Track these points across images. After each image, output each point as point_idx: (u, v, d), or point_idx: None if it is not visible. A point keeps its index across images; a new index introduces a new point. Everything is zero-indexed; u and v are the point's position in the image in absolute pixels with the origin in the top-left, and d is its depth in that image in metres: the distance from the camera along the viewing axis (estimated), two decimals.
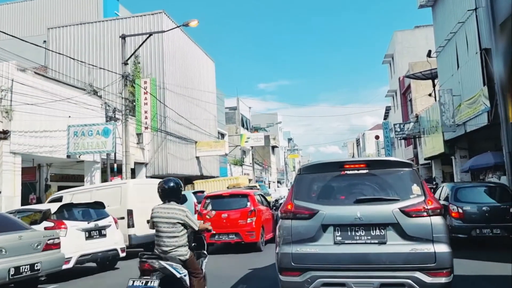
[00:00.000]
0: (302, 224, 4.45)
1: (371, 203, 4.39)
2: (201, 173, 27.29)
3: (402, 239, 4.21)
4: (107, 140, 15.03)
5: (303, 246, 4.37)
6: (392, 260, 4.15)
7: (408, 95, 30.83)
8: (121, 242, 8.50)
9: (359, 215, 4.29)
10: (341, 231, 4.35)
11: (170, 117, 22.87)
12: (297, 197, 4.65)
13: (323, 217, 4.38)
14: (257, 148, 51.43)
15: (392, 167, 4.71)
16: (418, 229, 4.21)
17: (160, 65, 23.07)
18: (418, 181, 4.52)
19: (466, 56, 16.19)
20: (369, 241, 4.27)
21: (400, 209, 4.27)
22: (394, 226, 4.24)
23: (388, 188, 4.53)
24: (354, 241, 4.30)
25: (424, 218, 4.24)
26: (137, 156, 21.24)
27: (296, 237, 4.42)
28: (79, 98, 15.68)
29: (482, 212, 9.11)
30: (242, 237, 10.08)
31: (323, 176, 4.79)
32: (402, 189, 4.49)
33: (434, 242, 4.16)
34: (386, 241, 4.23)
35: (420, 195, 4.39)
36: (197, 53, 28.84)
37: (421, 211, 4.26)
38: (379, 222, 4.28)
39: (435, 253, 4.11)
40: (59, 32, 24.24)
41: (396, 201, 4.36)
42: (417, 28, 34.81)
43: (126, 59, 17.30)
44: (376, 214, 4.31)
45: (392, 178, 4.59)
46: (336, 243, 4.33)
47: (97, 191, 10.00)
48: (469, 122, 15.86)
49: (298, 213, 4.50)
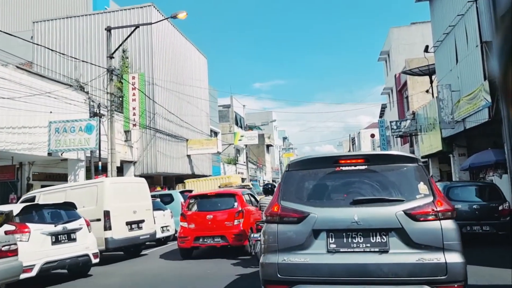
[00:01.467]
0: (290, 229, 3.82)
1: (371, 205, 3.76)
2: (193, 172, 26.56)
3: (408, 247, 3.60)
4: (90, 137, 14.28)
5: (291, 255, 3.75)
6: (395, 271, 3.53)
7: (405, 92, 30.28)
8: (94, 246, 7.74)
9: (356, 218, 3.68)
10: (335, 237, 3.74)
11: (159, 114, 22.11)
12: (284, 197, 4.00)
13: (314, 221, 3.75)
14: (251, 147, 50.76)
15: (395, 162, 4.02)
16: (426, 235, 3.59)
17: (149, 60, 22.30)
18: (425, 179, 3.87)
19: (465, 50, 15.61)
20: (368, 250, 3.65)
21: (404, 212, 3.65)
22: (398, 231, 3.63)
23: (391, 187, 3.87)
24: (351, 249, 3.69)
25: (433, 222, 3.61)
26: (124, 154, 20.49)
27: (283, 244, 3.79)
28: (60, 92, 14.90)
29: (472, 210, 9.52)
30: (229, 240, 9.36)
31: (315, 173, 4.12)
32: (407, 188, 3.83)
33: (445, 250, 3.53)
34: (388, 250, 3.62)
35: (428, 195, 3.75)
36: (188, 48, 28.10)
37: (429, 213, 3.63)
38: (380, 227, 3.67)
39: (446, 264, 3.48)
40: (45, 26, 23.41)
41: (400, 202, 3.73)
42: (413, 25, 34.29)
43: (112, 52, 16.53)
44: (377, 218, 3.68)
45: (395, 175, 3.93)
46: (330, 251, 3.71)
47: (72, 191, 9.25)
48: (469, 119, 15.28)
49: (286, 216, 3.86)
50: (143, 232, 9.74)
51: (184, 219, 9.44)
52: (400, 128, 23.53)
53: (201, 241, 9.22)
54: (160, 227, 11.66)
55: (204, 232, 9.17)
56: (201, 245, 9.35)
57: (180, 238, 9.31)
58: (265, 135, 60.51)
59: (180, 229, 9.49)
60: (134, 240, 9.35)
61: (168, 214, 12.37)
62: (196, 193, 10.93)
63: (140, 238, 9.57)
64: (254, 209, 11.12)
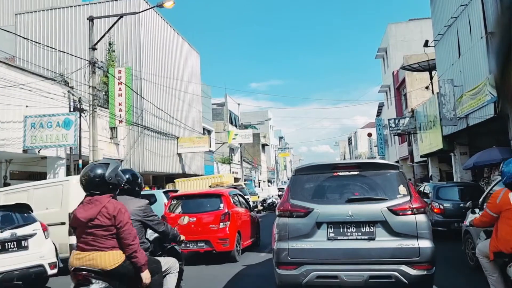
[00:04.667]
0: (298, 221, 4.65)
1: (362, 203, 4.64)
2: (184, 171, 25.58)
3: (390, 235, 4.47)
4: (68, 133, 13.30)
5: (299, 242, 4.59)
6: (380, 254, 4.41)
7: (403, 90, 29.44)
8: (51, 255, 6.65)
9: (350, 213, 4.53)
10: (334, 228, 4.59)
11: (148, 110, 21.11)
12: (293, 196, 4.82)
13: (317, 215, 4.60)
14: (247, 147, 49.82)
15: (381, 169, 4.96)
16: (404, 226, 4.46)
17: (137, 54, 21.27)
18: (404, 182, 4.78)
19: (468, 43, 14.76)
20: (359, 237, 4.52)
21: (388, 208, 4.51)
22: (383, 223, 4.50)
23: (377, 188, 4.78)
24: (346, 237, 4.55)
25: (410, 216, 4.49)
26: (110, 152, 19.50)
27: (293, 233, 4.62)
28: (36, 84, 13.89)
29: (459, 208, 10.13)
30: (213, 245, 8.56)
31: (317, 177, 5.01)
32: (390, 190, 4.72)
33: (418, 238, 4.42)
34: (375, 237, 4.50)
35: (406, 195, 4.64)
36: (180, 43, 27.10)
37: (407, 209, 4.50)
38: (368, 220, 4.54)
39: (419, 248, 4.37)
40: (28, 18, 22.34)
41: (384, 200, 4.60)
42: (411, 21, 33.52)
43: (94, 43, 15.55)
44: (366, 213, 4.55)
45: (380, 179, 4.84)
46: (329, 239, 4.57)
47: (35, 191, 8.22)
48: (472, 115, 14.45)
49: (294, 212, 4.69)
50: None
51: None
52: (398, 126, 22.67)
53: (183, 246, 8.26)
54: None
55: (187, 237, 8.25)
56: (184, 250, 8.41)
57: None
58: (260, 135, 59.61)
59: None
60: None
61: None
62: (179, 194, 10.14)
63: None
64: (243, 210, 10.28)
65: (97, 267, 3.21)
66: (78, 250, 3.34)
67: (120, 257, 3.29)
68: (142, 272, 3.34)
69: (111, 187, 3.42)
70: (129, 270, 3.33)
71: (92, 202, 3.36)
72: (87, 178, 3.39)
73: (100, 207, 3.30)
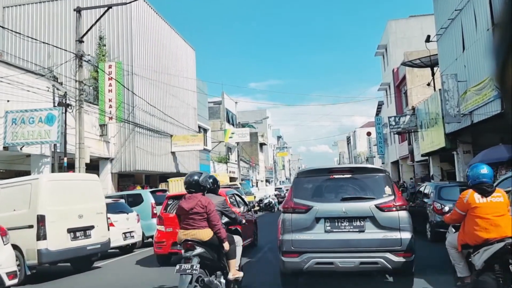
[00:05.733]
0: (300, 217, 5.36)
1: (353, 201, 5.38)
2: (178, 170, 24.83)
3: (377, 228, 5.20)
4: (51, 129, 12.58)
5: (301, 234, 5.30)
6: (368, 244, 5.15)
7: (403, 88, 28.77)
8: (9, 263, 5.85)
9: (344, 210, 5.27)
10: (330, 222, 5.31)
11: (139, 106, 20.37)
12: (296, 196, 5.55)
13: (316, 211, 5.31)
14: (244, 146, 49.07)
15: (370, 172, 5.85)
16: (389, 220, 5.21)
17: (129, 49, 20.52)
18: (389, 184, 5.55)
19: (473, 36, 14.07)
20: (351, 230, 5.25)
21: (375, 205, 5.25)
22: (371, 218, 5.23)
23: (367, 189, 5.54)
24: (340, 230, 5.27)
25: (394, 212, 5.23)
26: (100, 150, 18.78)
27: (295, 227, 5.34)
28: (17, 78, 13.15)
29: None
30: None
31: (316, 179, 5.83)
32: (377, 190, 5.48)
33: (401, 230, 5.18)
34: (364, 230, 5.22)
35: (391, 195, 5.37)
36: (174, 39, 26.36)
37: (391, 207, 5.25)
38: (359, 215, 5.26)
39: (401, 239, 5.14)
40: (16, 11, 21.60)
41: (372, 199, 5.34)
42: (412, 17, 32.84)
43: (81, 35, 14.82)
44: (357, 209, 5.29)
45: (369, 181, 5.64)
46: (326, 231, 5.28)
47: (1, 190, 7.48)
48: (477, 111, 13.78)
49: (297, 208, 5.41)
50: (92, 241, 7.82)
51: (161, 222, 8.52)
52: (399, 124, 22.01)
53: (179, 247, 7.90)
54: (122, 233, 9.93)
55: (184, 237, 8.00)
56: (179, 251, 8.05)
57: (157, 243, 8.46)
58: (258, 134, 58.89)
59: (157, 233, 8.60)
60: (78, 252, 7.54)
61: (134, 217, 10.60)
62: (175, 194, 9.94)
63: (88, 248, 7.69)
64: (240, 210, 10.01)
65: (198, 239, 4.86)
66: (182, 230, 5.02)
67: (210, 233, 4.90)
68: (224, 242, 5.02)
69: (202, 188, 5.05)
70: (216, 241, 4.96)
71: (191, 198, 4.97)
72: (188, 181, 5.05)
73: (197, 201, 4.91)
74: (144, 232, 11.46)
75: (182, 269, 4.64)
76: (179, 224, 5.14)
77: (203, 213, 4.86)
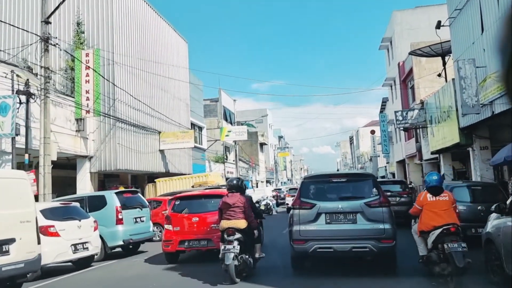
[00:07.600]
0: (306, 212, 6.99)
1: (348, 200, 7.11)
2: (167, 170, 23.04)
3: (366, 221, 6.82)
4: (5, 120, 10.88)
5: (306, 225, 6.92)
6: (359, 233, 6.76)
7: (409, 82, 26.91)
8: None
9: (340, 206, 6.95)
10: (329, 216, 6.93)
11: (121, 99, 18.59)
12: (302, 196, 7.22)
13: (319, 207, 6.95)
14: (243, 145, 47.30)
15: (362, 177, 8.03)
16: (375, 215, 6.84)
17: (109, 35, 18.75)
18: (377, 186, 7.24)
19: (495, 14, 12.23)
20: (346, 222, 6.90)
21: (364, 203, 6.91)
22: (361, 213, 6.86)
23: (358, 190, 7.35)
24: (337, 222, 6.92)
25: (378, 208, 6.89)
26: (76, 148, 17.02)
27: (302, 220, 6.96)
28: None
29: (477, 212, 9.49)
30: (215, 244, 8.53)
31: (319, 182, 7.64)
32: (367, 191, 7.21)
33: (384, 222, 6.79)
34: (356, 222, 6.85)
35: (377, 194, 7.06)
36: (163, 29, 24.59)
37: (377, 204, 6.91)
38: (352, 211, 6.90)
39: (384, 229, 6.74)
40: None
41: (362, 198, 7.03)
42: (418, 8, 30.98)
43: (48, 15, 13.09)
44: (351, 206, 6.96)
45: (361, 184, 7.53)
46: (326, 223, 6.91)
47: None
48: (499, 101, 11.97)
49: (304, 205, 7.07)
50: (10, 259, 5.97)
51: (168, 222, 9.20)
52: (406, 119, 20.13)
53: (186, 245, 9.02)
54: (70, 245, 8.08)
55: (190, 235, 8.99)
56: (187, 249, 9.21)
57: (165, 241, 9.17)
58: (258, 133, 57.13)
59: (165, 232, 9.27)
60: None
61: (88, 224, 8.67)
62: (182, 194, 10.33)
63: (3, 270, 5.80)
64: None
65: (237, 227, 6.95)
66: (224, 220, 7.09)
67: (245, 222, 7.05)
68: (255, 230, 7.29)
69: (240, 188, 7.39)
70: (250, 228, 7.15)
71: (233, 196, 7.22)
72: (231, 184, 7.44)
73: (237, 198, 7.16)
74: (107, 242, 9.65)
75: (226, 249, 6.63)
76: (220, 216, 7.20)
77: (242, 207, 7.03)
